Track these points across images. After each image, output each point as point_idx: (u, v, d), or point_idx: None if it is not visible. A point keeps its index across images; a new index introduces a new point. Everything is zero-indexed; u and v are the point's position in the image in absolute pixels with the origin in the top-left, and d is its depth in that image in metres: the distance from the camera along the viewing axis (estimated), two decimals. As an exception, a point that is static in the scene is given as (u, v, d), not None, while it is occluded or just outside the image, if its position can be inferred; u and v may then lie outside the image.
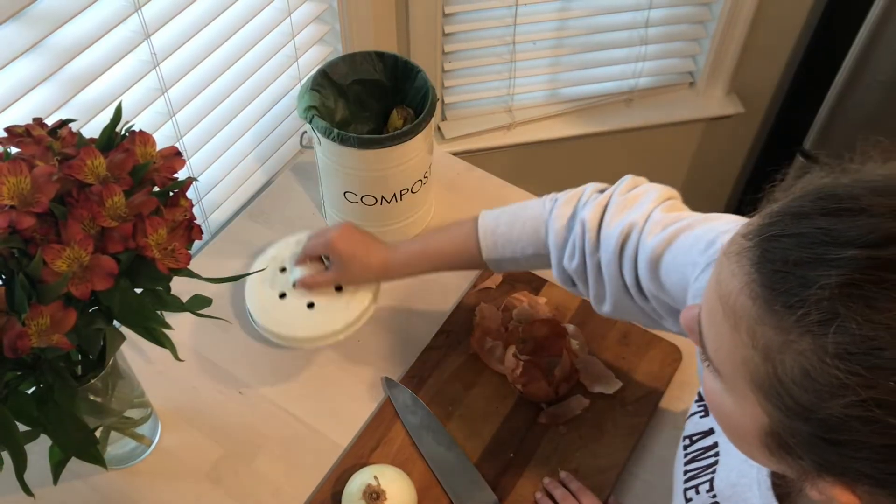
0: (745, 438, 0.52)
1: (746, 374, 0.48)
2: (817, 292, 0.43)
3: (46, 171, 0.65)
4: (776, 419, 0.47)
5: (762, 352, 0.46)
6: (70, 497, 0.92)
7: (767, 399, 0.47)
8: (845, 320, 0.42)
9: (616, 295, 0.80)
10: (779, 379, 0.45)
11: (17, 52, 0.81)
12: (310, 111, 1.04)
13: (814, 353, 0.43)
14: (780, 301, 0.44)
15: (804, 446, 0.47)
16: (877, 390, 0.42)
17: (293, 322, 0.99)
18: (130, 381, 0.89)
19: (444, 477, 0.93)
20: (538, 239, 0.86)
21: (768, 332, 0.45)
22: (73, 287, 0.65)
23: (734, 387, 0.50)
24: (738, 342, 0.48)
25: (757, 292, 0.46)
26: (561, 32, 1.55)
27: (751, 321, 0.46)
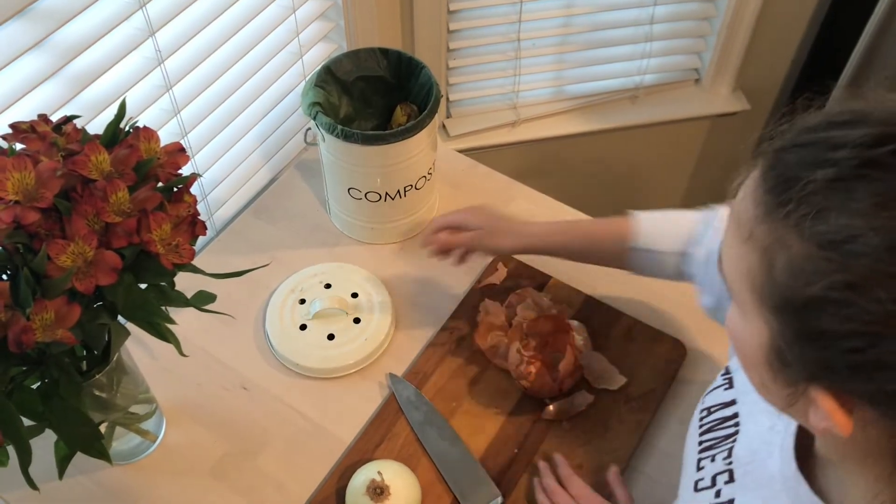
0: (754, 363, 0.54)
1: (749, 283, 0.51)
2: (804, 188, 0.47)
3: (51, 167, 0.65)
4: (773, 327, 0.50)
5: (759, 254, 0.49)
6: (75, 492, 0.92)
7: (764, 304, 0.50)
8: (826, 211, 0.46)
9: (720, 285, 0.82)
10: (772, 278, 0.49)
11: (21, 49, 0.81)
12: (314, 108, 1.04)
13: (797, 243, 0.47)
14: (776, 201, 0.48)
15: (794, 350, 0.49)
16: (849, 273, 0.45)
17: (313, 353, 1.02)
18: (135, 376, 0.90)
19: (448, 473, 0.93)
20: (685, 236, 0.89)
21: (765, 232, 0.49)
22: (78, 282, 0.65)
23: (743, 305, 0.53)
24: (743, 253, 0.51)
25: (760, 197, 0.50)
26: (566, 29, 1.55)
27: (752, 225, 0.50)
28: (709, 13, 1.60)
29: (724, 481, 0.71)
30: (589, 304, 1.08)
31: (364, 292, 1.08)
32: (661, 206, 0.94)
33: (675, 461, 0.94)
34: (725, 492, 0.69)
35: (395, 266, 1.14)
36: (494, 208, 1.02)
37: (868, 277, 0.44)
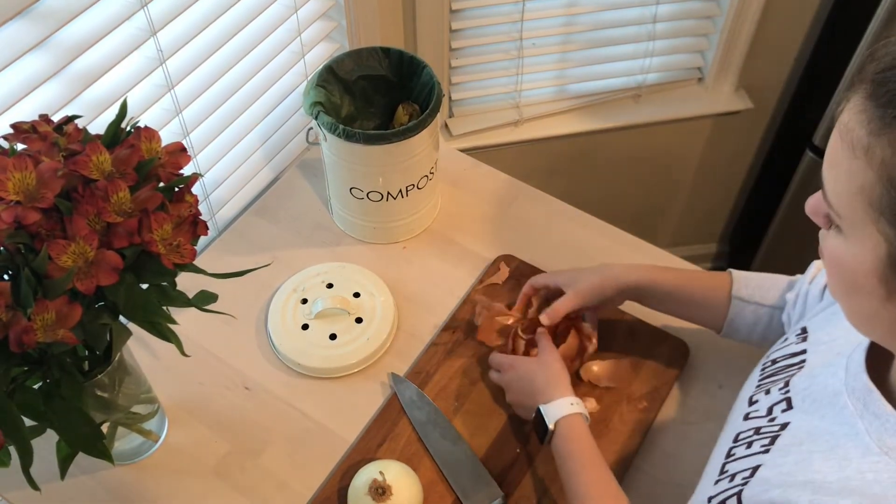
0: (863, 285, 0.56)
1: (864, 201, 0.53)
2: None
3: (52, 167, 0.65)
4: (891, 237, 0.52)
5: (877, 167, 0.51)
6: (77, 492, 0.92)
7: (884, 216, 0.52)
8: None
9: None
10: (892, 186, 0.51)
11: (23, 49, 0.81)
12: (315, 107, 1.04)
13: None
14: (891, 113, 0.50)
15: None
16: None
17: (315, 353, 1.02)
18: (137, 376, 0.90)
19: (450, 472, 0.93)
20: (781, 288, 0.93)
21: (882, 145, 0.51)
22: (79, 282, 0.65)
23: (854, 224, 0.55)
24: (855, 170, 0.53)
25: (871, 113, 0.52)
26: (568, 28, 1.55)
27: (866, 141, 0.52)
28: (712, 12, 1.60)
29: (781, 410, 0.71)
30: (591, 303, 1.08)
31: (366, 292, 1.08)
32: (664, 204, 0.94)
33: (677, 461, 0.94)
34: (781, 417, 0.70)
35: (397, 266, 1.14)
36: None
37: None
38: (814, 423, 0.66)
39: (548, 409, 0.87)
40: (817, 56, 1.67)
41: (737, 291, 0.94)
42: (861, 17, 1.51)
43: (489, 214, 1.21)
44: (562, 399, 0.88)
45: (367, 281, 1.09)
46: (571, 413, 0.87)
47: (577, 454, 0.85)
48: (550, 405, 0.88)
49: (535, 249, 1.15)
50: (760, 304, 0.93)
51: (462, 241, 1.17)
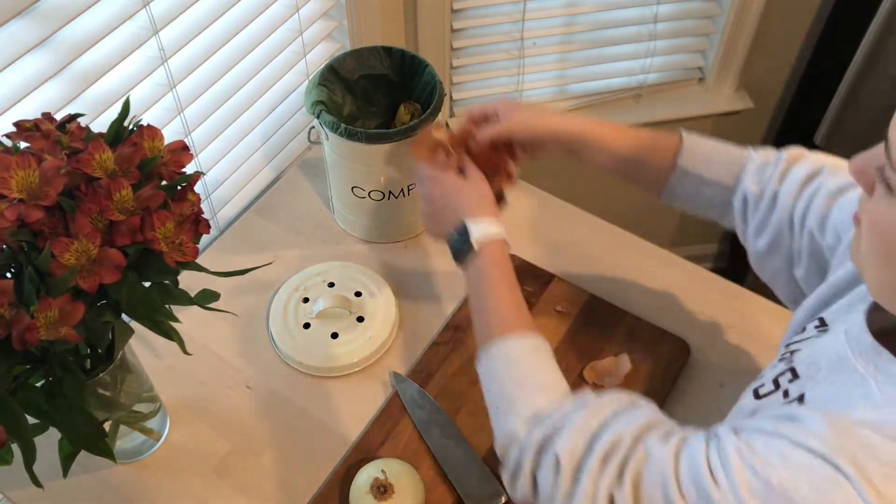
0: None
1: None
2: None
3: (55, 165, 0.65)
4: None
5: None
6: (79, 491, 0.92)
7: None
8: None
9: (778, 226, 0.84)
10: None
11: (25, 47, 0.81)
12: (317, 106, 1.04)
13: None
14: None
15: None
16: None
17: (316, 352, 1.02)
18: (139, 375, 0.90)
19: (451, 471, 0.93)
20: (737, 169, 0.87)
21: None
22: (82, 280, 0.65)
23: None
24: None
25: None
26: (569, 28, 1.55)
27: None
28: (712, 12, 1.60)
29: (787, 380, 0.69)
30: (592, 302, 1.08)
31: (367, 291, 1.08)
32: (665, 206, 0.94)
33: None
34: (793, 390, 0.68)
35: (398, 265, 1.14)
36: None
37: None
38: (826, 389, 0.64)
39: (474, 227, 0.83)
40: (818, 56, 1.68)
41: (682, 161, 0.87)
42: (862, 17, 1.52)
43: (490, 214, 1.21)
44: (489, 220, 0.84)
45: (369, 280, 1.09)
46: (497, 236, 0.83)
47: (498, 277, 0.81)
48: (477, 223, 0.83)
49: (535, 248, 1.15)
50: (706, 179, 0.88)
51: (463, 241, 1.17)
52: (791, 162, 0.85)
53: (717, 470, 0.59)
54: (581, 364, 1.02)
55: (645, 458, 0.64)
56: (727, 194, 0.88)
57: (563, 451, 0.67)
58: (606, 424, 0.68)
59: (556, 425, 0.69)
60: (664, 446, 0.64)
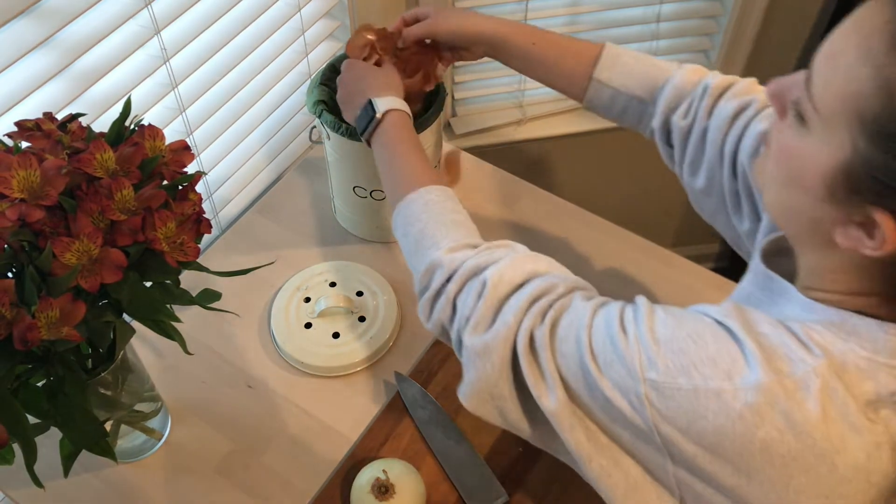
0: (807, 182, 0.57)
1: (854, 107, 0.53)
2: None
3: (56, 165, 0.65)
4: (860, 149, 0.53)
5: (882, 81, 0.51)
6: (80, 490, 0.92)
7: (863, 126, 0.52)
8: None
9: (711, 165, 0.84)
10: (890, 104, 0.51)
11: (27, 47, 0.81)
12: (319, 105, 1.04)
13: None
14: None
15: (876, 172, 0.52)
16: None
17: (318, 351, 1.02)
18: (140, 374, 0.90)
19: (453, 471, 0.93)
20: (653, 86, 0.88)
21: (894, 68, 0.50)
22: (83, 280, 0.65)
23: (825, 123, 0.55)
24: (858, 76, 0.52)
25: (893, 32, 0.51)
26: (572, 27, 1.55)
27: (881, 56, 0.51)
28: (716, 11, 1.59)
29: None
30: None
31: (369, 291, 1.08)
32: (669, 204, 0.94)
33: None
34: None
35: (400, 264, 1.14)
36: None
37: None
38: None
39: (379, 101, 0.88)
40: (821, 55, 1.67)
41: (598, 73, 0.89)
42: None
43: (492, 214, 1.21)
44: (394, 97, 0.89)
45: (370, 280, 1.09)
46: (401, 108, 0.89)
47: (404, 140, 0.86)
48: (381, 99, 0.88)
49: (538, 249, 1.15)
50: (620, 91, 0.89)
51: (465, 240, 1.17)
52: (717, 92, 0.84)
53: (629, 323, 0.63)
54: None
55: (568, 307, 0.67)
56: (643, 107, 0.90)
57: (492, 279, 0.70)
58: (543, 274, 0.71)
59: (491, 257, 0.72)
60: (587, 302, 0.67)
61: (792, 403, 0.56)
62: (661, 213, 1.98)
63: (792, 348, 0.58)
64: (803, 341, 0.58)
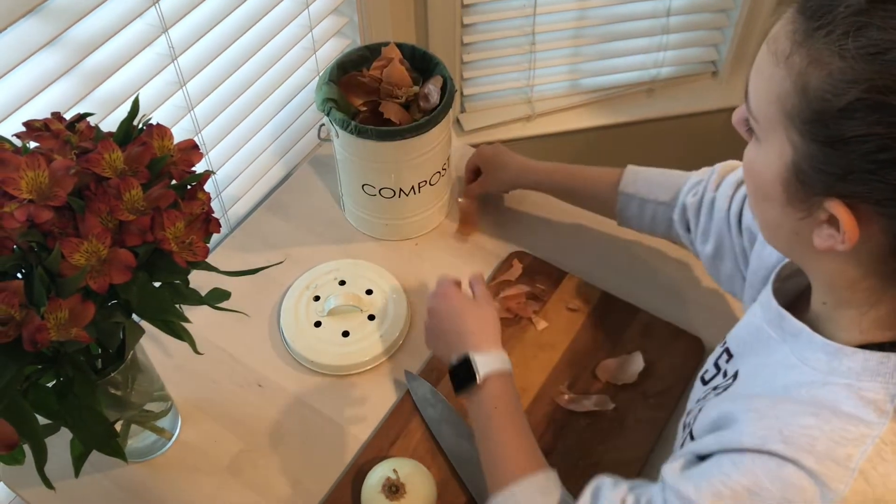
0: (769, 191, 0.59)
1: (779, 107, 0.56)
2: (845, 10, 0.51)
3: (64, 165, 0.65)
4: (797, 145, 0.55)
5: (795, 76, 0.54)
6: (91, 490, 0.92)
7: (792, 123, 0.55)
8: (866, 28, 0.50)
9: (719, 228, 0.89)
10: (805, 95, 0.53)
11: (35, 46, 0.81)
12: (327, 103, 1.04)
13: (837, 59, 0.51)
14: (813, 26, 0.53)
15: (818, 161, 0.54)
16: (885, 77, 0.50)
17: (327, 350, 1.02)
18: (150, 374, 0.90)
19: (463, 470, 0.92)
20: (675, 188, 0.96)
21: (802, 55, 0.53)
22: (92, 280, 0.65)
23: (767, 131, 0.58)
24: (777, 78, 0.55)
25: (797, 27, 0.54)
26: (581, 22, 1.54)
27: (789, 52, 0.54)
28: (726, 5, 1.58)
29: (725, 361, 0.76)
30: (606, 299, 1.07)
31: (379, 289, 1.07)
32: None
33: (693, 459, 0.93)
34: (729, 369, 0.74)
35: (409, 262, 1.14)
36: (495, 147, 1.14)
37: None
38: (752, 361, 0.70)
39: (479, 360, 0.82)
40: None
41: (623, 187, 0.99)
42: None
43: (501, 210, 1.20)
44: (496, 352, 0.83)
45: (380, 278, 1.09)
46: (504, 370, 0.82)
47: (503, 415, 0.80)
48: (483, 355, 0.82)
49: (547, 245, 1.14)
50: (646, 199, 0.97)
51: (474, 238, 1.17)
52: (724, 172, 0.92)
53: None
54: (594, 362, 1.01)
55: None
56: (668, 211, 0.96)
57: None
58: None
59: None
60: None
61: (882, 490, 0.54)
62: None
63: (848, 430, 0.56)
64: (854, 414, 0.56)
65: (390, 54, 1.08)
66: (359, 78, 1.07)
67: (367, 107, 1.07)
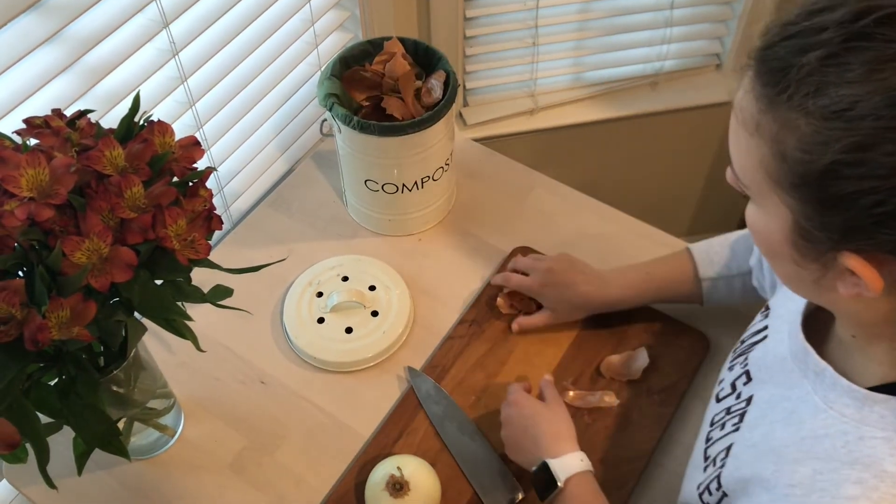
0: (779, 251, 0.58)
1: (764, 174, 0.55)
2: (800, 71, 0.50)
3: (65, 163, 0.64)
4: (793, 207, 0.54)
5: (769, 142, 0.53)
6: (95, 488, 0.92)
7: (782, 188, 0.54)
8: (824, 86, 0.49)
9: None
10: (784, 159, 0.52)
11: (35, 42, 0.80)
12: (330, 98, 1.03)
13: (804, 121, 0.50)
14: (774, 91, 0.52)
15: (817, 221, 0.53)
16: (857, 135, 0.48)
17: (330, 347, 1.01)
18: (153, 371, 0.89)
19: (468, 468, 0.92)
20: (747, 250, 0.94)
21: (770, 121, 0.53)
22: (93, 279, 0.64)
23: (761, 196, 0.57)
24: (753, 146, 0.55)
25: (759, 93, 0.54)
26: (584, 15, 1.53)
27: (757, 119, 0.54)
28: (730, -3, 1.57)
29: (742, 383, 0.75)
30: (610, 295, 1.06)
31: (382, 285, 1.07)
32: (682, 193, 0.95)
33: (698, 456, 0.93)
34: (745, 391, 0.73)
35: (412, 258, 1.13)
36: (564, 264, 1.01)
37: (874, 136, 0.48)
38: (771, 391, 0.68)
39: (556, 465, 0.82)
40: (838, 41, 1.65)
41: (704, 274, 0.96)
42: (884, 2, 1.48)
43: (505, 205, 1.20)
44: (572, 454, 0.83)
45: (383, 274, 1.08)
46: (582, 470, 0.82)
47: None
48: (559, 460, 0.82)
49: (551, 240, 1.14)
50: (728, 276, 0.96)
51: (478, 233, 1.16)
52: None
53: None
54: (598, 359, 1.00)
55: None
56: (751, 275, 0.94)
57: None
58: None
59: None
60: None
61: None
62: (675, 202, 1.96)
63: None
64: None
65: (393, 49, 1.07)
66: (361, 73, 1.06)
67: (369, 102, 1.06)
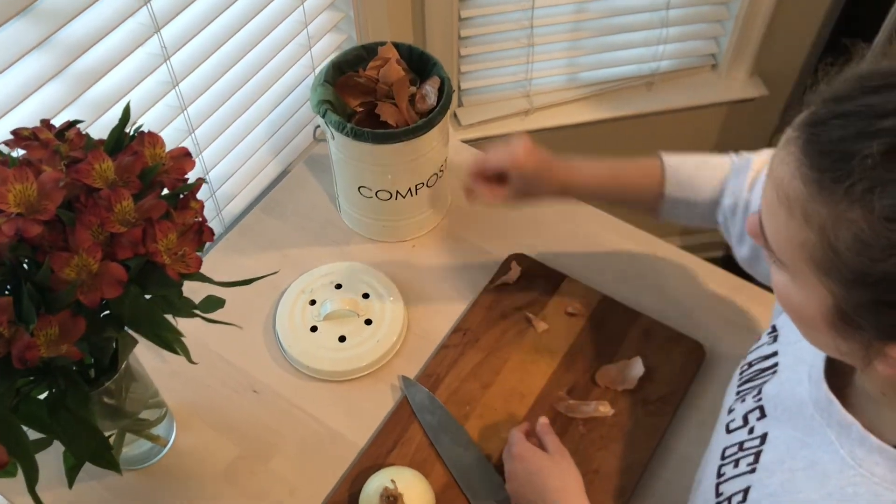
0: (813, 324, 0.55)
1: (806, 256, 0.51)
2: (861, 163, 0.46)
3: (53, 178, 0.63)
4: (838, 294, 0.51)
5: (817, 230, 0.49)
6: (86, 497, 0.91)
7: (828, 276, 0.50)
8: (889, 184, 0.45)
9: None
10: (835, 252, 0.49)
11: (24, 49, 0.79)
12: (323, 105, 1.02)
13: (864, 219, 0.47)
14: (828, 178, 0.48)
15: (866, 315, 0.50)
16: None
17: (324, 355, 1.01)
18: (144, 382, 0.88)
19: (462, 478, 0.92)
20: (720, 182, 0.89)
21: (821, 210, 0.49)
22: (82, 295, 0.63)
23: (797, 273, 0.53)
24: (794, 227, 0.51)
25: (806, 174, 0.49)
26: (580, 15, 1.52)
27: (804, 203, 0.50)
28: (727, -2, 1.56)
29: (756, 418, 0.71)
30: (605, 303, 1.06)
31: (375, 293, 1.06)
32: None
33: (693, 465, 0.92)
34: (758, 427, 0.70)
35: (406, 265, 1.12)
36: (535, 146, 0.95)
37: None
38: (788, 433, 0.66)
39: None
40: (834, 41, 1.64)
41: (669, 191, 0.91)
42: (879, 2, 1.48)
43: (499, 210, 1.19)
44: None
45: (377, 282, 1.07)
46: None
47: None
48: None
49: (546, 246, 1.13)
50: (693, 200, 0.91)
51: (472, 239, 1.15)
52: (759, 168, 0.86)
53: None
54: (593, 368, 1.00)
55: None
56: (715, 210, 0.91)
57: None
58: None
59: None
60: None
61: None
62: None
63: None
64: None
65: (387, 54, 1.06)
66: (355, 78, 1.05)
67: (362, 108, 1.05)
